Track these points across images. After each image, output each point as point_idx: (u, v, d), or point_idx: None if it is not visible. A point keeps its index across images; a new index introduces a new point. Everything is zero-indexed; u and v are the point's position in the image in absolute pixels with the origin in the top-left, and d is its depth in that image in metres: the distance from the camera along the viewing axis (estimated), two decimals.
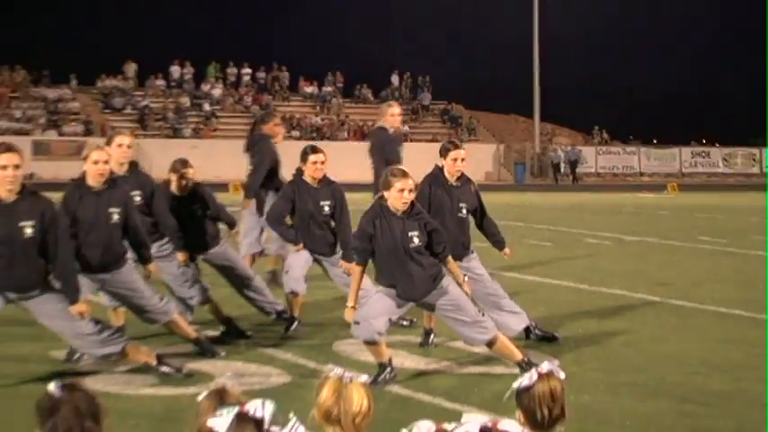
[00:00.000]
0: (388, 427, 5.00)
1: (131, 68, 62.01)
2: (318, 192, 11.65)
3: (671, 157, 65.25)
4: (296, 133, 57.46)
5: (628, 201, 41.35)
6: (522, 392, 4.60)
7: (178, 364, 9.65)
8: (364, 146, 13.61)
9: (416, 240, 9.41)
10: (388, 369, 9.42)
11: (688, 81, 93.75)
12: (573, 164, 60.85)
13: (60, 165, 50.81)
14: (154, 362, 9.49)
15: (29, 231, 8.84)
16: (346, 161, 16.70)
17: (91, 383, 7.74)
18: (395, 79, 67.00)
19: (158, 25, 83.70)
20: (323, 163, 11.71)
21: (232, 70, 64.27)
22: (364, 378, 4.37)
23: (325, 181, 11.73)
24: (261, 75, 64.75)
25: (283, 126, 14.56)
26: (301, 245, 11.61)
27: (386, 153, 12.77)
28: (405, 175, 9.38)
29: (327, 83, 65.62)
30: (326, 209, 11.63)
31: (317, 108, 63.70)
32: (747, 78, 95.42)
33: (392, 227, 9.38)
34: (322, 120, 62.10)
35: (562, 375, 4.68)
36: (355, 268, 9.69)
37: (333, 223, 11.72)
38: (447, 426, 3.49)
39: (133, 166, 10.87)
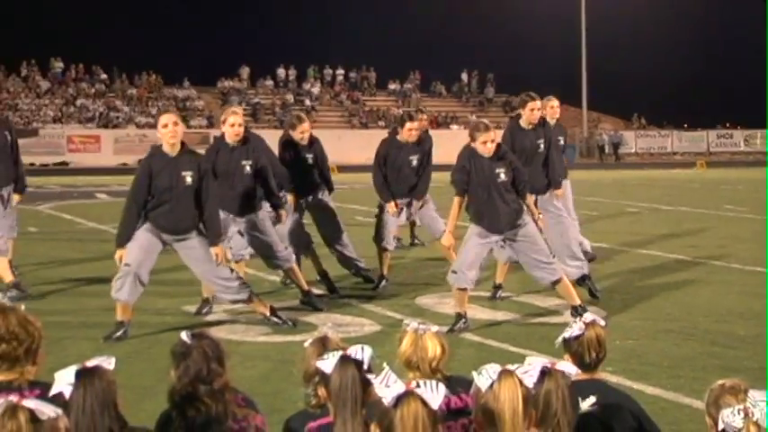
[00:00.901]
0: (463, 367, 4.98)
1: (245, 72, 62.49)
2: (411, 149, 11.74)
3: (699, 139, 64.39)
4: (381, 123, 57.50)
5: (663, 176, 40.88)
6: (573, 340, 4.55)
7: (286, 316, 9.70)
8: (439, 132, 13.54)
9: (503, 176, 9.35)
10: (463, 320, 9.40)
11: (715, 71, 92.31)
12: (615, 146, 60.30)
13: None
14: (268, 312, 9.53)
15: (188, 180, 8.99)
16: None
17: (216, 332, 7.79)
18: (464, 76, 66.72)
19: (267, 35, 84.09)
20: (417, 130, 11.78)
21: (328, 71, 64.45)
22: (436, 329, 4.32)
23: (415, 141, 11.80)
24: (352, 75, 64.83)
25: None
26: (393, 205, 11.63)
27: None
28: (487, 129, 9.35)
29: (408, 80, 65.51)
30: (414, 162, 11.73)
31: (399, 102, 63.60)
32: (763, 64, 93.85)
33: (482, 165, 9.33)
34: (403, 111, 62.00)
35: (603, 323, 4.64)
36: (456, 199, 9.52)
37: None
38: (511, 366, 3.45)
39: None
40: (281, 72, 63.07)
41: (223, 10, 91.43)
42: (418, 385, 3.12)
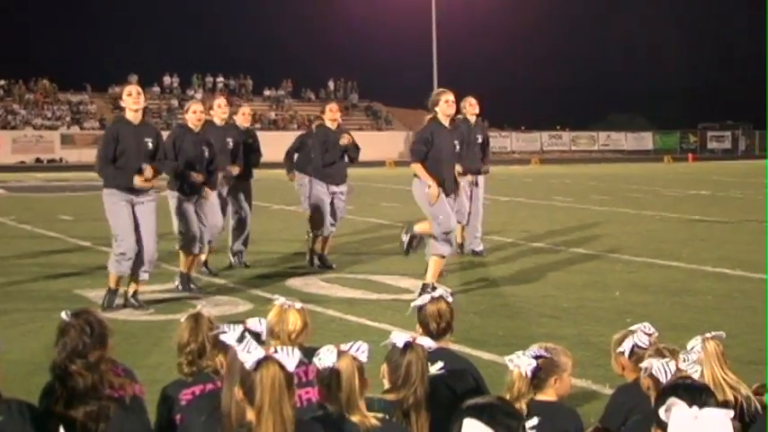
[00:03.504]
0: (325, 340, 5.00)
1: (134, 79, 61.11)
2: (338, 133, 11.73)
3: (534, 140, 65.78)
4: (258, 125, 57.16)
5: (502, 172, 41.52)
6: (419, 310, 4.65)
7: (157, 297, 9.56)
8: None
9: (457, 146, 9.79)
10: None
11: (545, 80, 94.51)
12: None
13: (82, 152, 50.10)
14: (132, 291, 9.38)
15: (150, 146, 9.09)
16: None
17: (102, 312, 7.63)
18: (331, 84, 66.75)
19: (153, 46, 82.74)
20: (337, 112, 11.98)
21: (209, 79, 63.69)
22: (299, 305, 4.42)
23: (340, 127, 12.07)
24: (231, 82, 64.30)
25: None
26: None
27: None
28: (446, 91, 9.77)
29: (281, 87, 65.27)
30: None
31: (273, 106, 63.29)
32: (587, 76, 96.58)
33: (443, 135, 9.59)
34: (277, 115, 61.75)
35: (450, 299, 4.70)
36: (417, 165, 9.59)
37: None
38: (344, 346, 3.53)
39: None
40: (166, 79, 62.16)
41: (114, 23, 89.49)
42: (276, 351, 3.14)
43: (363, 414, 3.42)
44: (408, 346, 3.71)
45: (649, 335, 4.33)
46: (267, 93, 64.86)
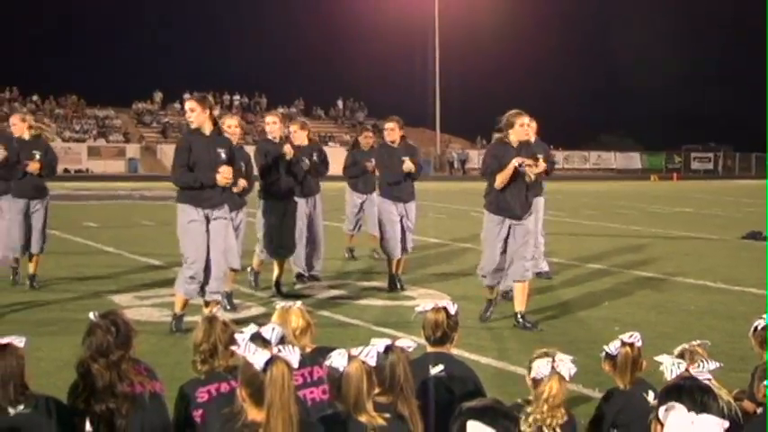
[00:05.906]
0: (332, 341, 5.02)
1: (158, 96, 61.55)
2: (399, 151, 10.90)
3: None
4: None
5: None
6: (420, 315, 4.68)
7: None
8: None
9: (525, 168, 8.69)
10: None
11: (539, 101, 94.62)
12: (462, 162, 61.18)
13: (107, 163, 50.23)
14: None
15: (223, 156, 8.31)
16: None
17: (128, 313, 7.67)
18: (339, 103, 66.91)
19: (176, 66, 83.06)
20: (394, 130, 11.08)
21: (226, 97, 63.92)
22: (299, 304, 4.48)
23: (404, 142, 11.15)
24: (245, 100, 64.52)
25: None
26: None
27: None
28: (521, 114, 8.79)
29: (293, 105, 65.42)
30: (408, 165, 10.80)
31: (286, 123, 63.41)
32: (580, 99, 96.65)
33: (511, 156, 8.70)
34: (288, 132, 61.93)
35: (453, 311, 4.66)
36: (493, 176, 8.87)
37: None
38: (355, 351, 3.51)
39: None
40: (186, 96, 62.38)
41: (138, 45, 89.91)
42: (279, 350, 3.14)
43: (370, 414, 3.42)
44: (389, 348, 3.67)
45: (629, 344, 4.34)
46: (280, 110, 64.99)
